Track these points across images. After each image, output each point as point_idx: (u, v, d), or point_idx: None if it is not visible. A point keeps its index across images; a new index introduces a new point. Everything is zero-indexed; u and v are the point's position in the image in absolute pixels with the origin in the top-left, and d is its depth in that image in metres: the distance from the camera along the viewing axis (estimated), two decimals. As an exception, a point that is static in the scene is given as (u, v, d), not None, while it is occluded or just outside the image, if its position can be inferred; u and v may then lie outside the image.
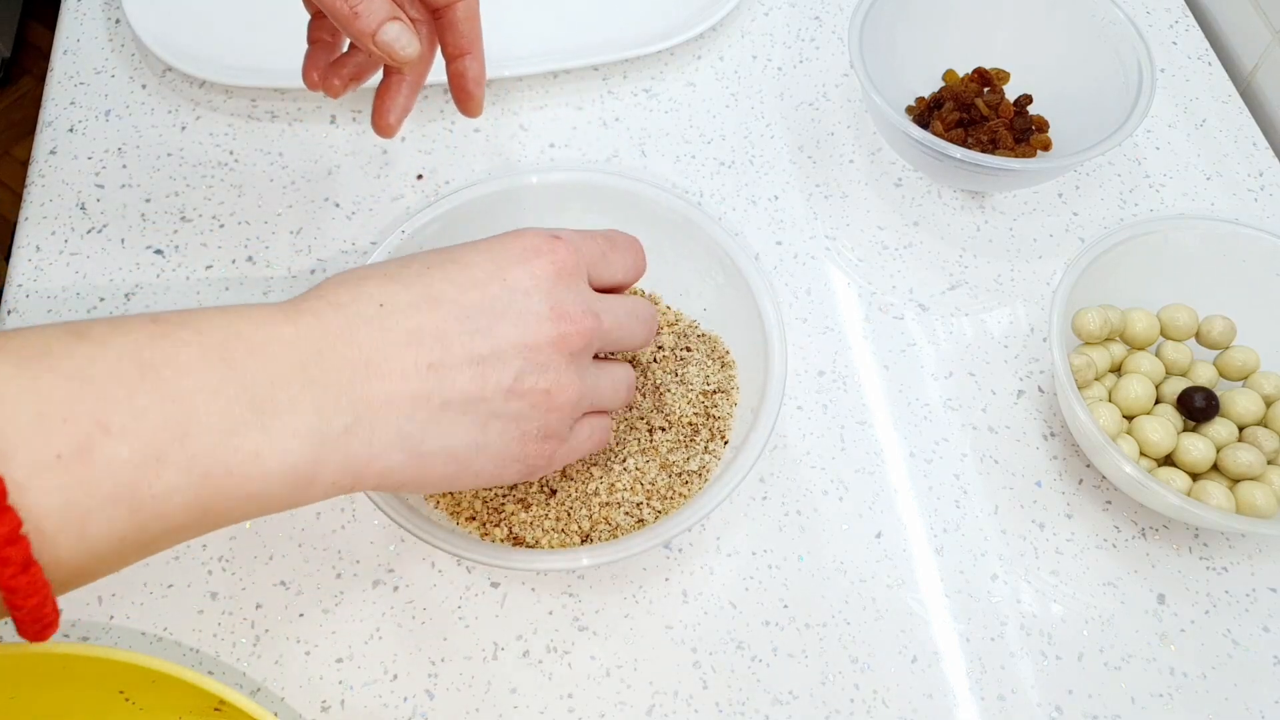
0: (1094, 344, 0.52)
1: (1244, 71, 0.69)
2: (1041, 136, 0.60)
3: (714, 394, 0.51)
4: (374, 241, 0.58)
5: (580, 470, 0.48)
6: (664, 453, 0.48)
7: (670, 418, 0.50)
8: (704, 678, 0.46)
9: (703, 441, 0.49)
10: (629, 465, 0.48)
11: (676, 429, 0.49)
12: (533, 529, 0.46)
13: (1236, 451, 0.48)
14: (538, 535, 0.46)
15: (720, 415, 0.50)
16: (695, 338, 0.53)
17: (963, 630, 0.48)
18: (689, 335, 0.53)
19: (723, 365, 0.52)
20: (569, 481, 0.47)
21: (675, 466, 0.48)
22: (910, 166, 0.63)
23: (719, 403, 0.50)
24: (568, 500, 0.47)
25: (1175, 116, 0.66)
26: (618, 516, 0.46)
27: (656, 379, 0.51)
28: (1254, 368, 0.52)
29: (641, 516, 0.46)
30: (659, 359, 0.52)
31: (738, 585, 0.48)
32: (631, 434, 0.49)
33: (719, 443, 0.49)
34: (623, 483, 0.47)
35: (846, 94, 0.66)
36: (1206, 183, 0.63)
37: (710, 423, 0.50)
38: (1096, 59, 0.60)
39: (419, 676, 0.45)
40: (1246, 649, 0.47)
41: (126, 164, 0.60)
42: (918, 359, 0.55)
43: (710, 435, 0.49)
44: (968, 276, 0.59)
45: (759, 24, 0.69)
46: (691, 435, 0.49)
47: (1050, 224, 0.61)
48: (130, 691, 0.42)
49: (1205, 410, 0.50)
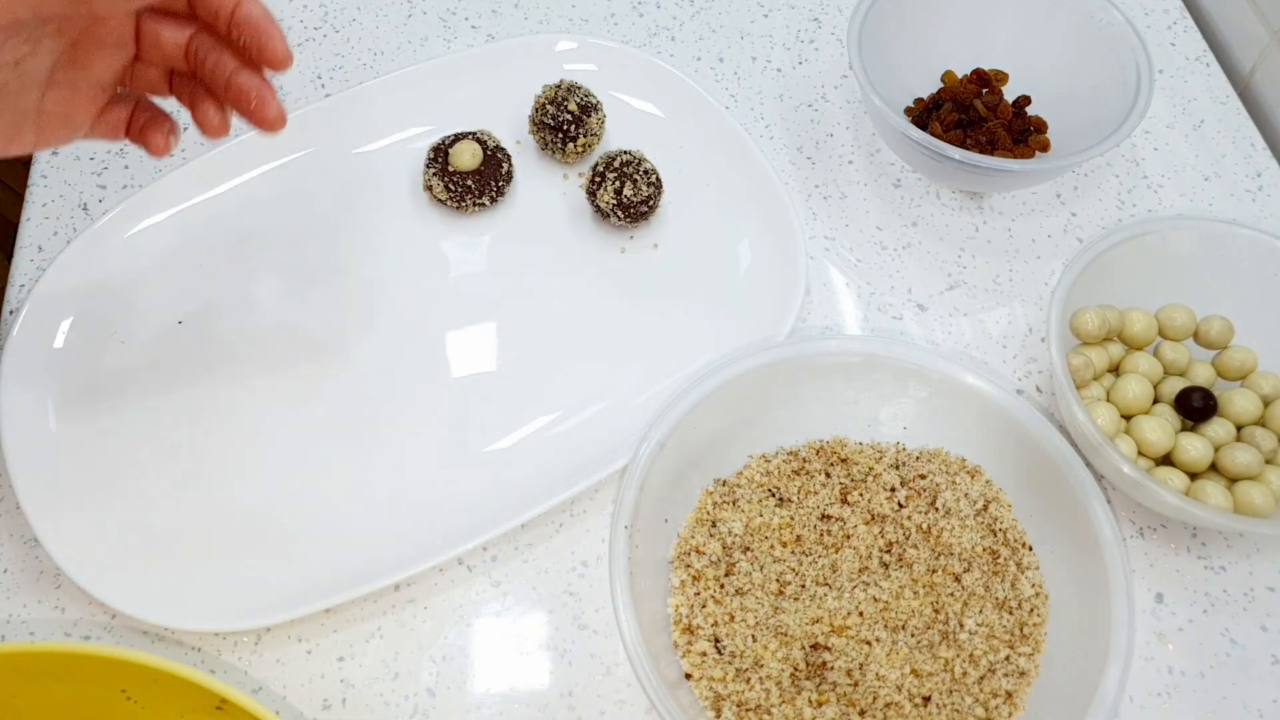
0: (1092, 344, 0.52)
1: (1242, 72, 0.69)
2: (1040, 137, 0.60)
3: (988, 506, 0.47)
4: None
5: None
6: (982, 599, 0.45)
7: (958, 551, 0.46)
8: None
9: (1009, 565, 0.46)
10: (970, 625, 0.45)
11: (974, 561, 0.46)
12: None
13: (1234, 451, 0.48)
14: None
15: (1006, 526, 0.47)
16: (918, 461, 0.49)
17: (961, 629, 0.48)
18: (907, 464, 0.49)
19: (971, 476, 0.48)
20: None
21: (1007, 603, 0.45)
22: (909, 167, 0.63)
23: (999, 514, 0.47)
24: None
25: (1173, 117, 0.66)
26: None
27: (916, 522, 0.47)
28: (1252, 368, 0.52)
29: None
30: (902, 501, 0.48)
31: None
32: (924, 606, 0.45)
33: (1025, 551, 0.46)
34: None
35: (845, 95, 0.66)
36: (1205, 183, 0.63)
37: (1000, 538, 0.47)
38: (1095, 60, 0.60)
39: (420, 674, 0.46)
40: (1244, 648, 0.47)
41: (129, 164, 0.61)
42: (917, 359, 0.56)
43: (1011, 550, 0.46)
44: (966, 277, 0.59)
45: (758, 26, 0.70)
46: (992, 561, 0.46)
47: (1048, 224, 0.61)
48: (132, 690, 0.42)
49: (1203, 410, 0.50)
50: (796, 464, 0.49)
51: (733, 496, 0.48)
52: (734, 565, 0.46)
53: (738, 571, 0.46)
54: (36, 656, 0.41)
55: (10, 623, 0.46)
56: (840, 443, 0.50)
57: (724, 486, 0.49)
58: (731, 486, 0.49)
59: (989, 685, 0.43)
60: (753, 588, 0.45)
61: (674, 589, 0.46)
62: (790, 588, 0.46)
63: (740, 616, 0.45)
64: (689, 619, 0.44)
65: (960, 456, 0.49)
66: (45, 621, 0.46)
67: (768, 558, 0.46)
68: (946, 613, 0.45)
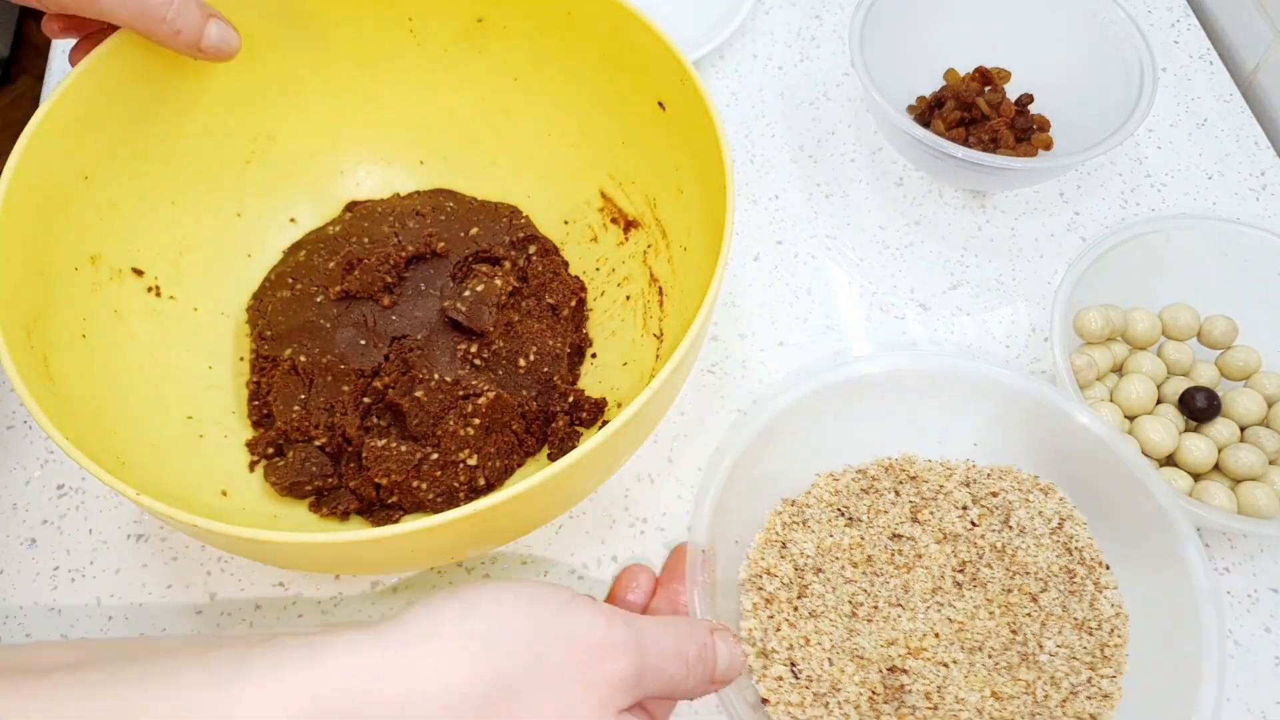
0: (1096, 344, 0.52)
1: (1245, 71, 0.69)
2: (1043, 136, 0.60)
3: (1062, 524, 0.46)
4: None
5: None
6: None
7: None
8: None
9: (1086, 584, 0.45)
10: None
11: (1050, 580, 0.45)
12: None
13: (1238, 452, 0.48)
14: None
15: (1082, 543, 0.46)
16: (987, 479, 0.48)
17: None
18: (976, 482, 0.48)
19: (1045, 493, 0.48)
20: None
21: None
22: (911, 166, 0.62)
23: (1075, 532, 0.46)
24: None
25: (1177, 116, 0.65)
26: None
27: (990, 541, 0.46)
28: (1256, 367, 0.52)
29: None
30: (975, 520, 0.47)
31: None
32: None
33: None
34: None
35: (847, 93, 0.66)
36: (1208, 182, 0.62)
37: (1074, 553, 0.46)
38: (1098, 58, 0.59)
39: (418, 677, 0.45)
40: (1248, 649, 0.47)
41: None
42: (919, 359, 0.55)
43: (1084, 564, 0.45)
44: (969, 276, 0.58)
45: (759, 22, 0.69)
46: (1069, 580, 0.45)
47: (1051, 223, 0.61)
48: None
49: (1207, 410, 0.50)
50: (865, 482, 0.48)
51: (802, 517, 0.47)
52: (807, 587, 0.45)
53: (811, 593, 0.44)
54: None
55: (4, 623, 0.46)
56: (909, 460, 0.49)
57: (793, 506, 0.47)
58: (800, 506, 0.47)
59: (1072, 709, 0.42)
60: (826, 610, 0.44)
61: (746, 612, 0.44)
62: (863, 609, 0.44)
63: (815, 640, 0.43)
64: (764, 643, 0.43)
65: (1032, 474, 0.48)
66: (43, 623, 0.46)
67: (839, 578, 0.45)
68: (1025, 633, 0.44)
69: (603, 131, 0.53)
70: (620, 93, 0.51)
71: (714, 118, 0.44)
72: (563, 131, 0.54)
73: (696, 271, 0.47)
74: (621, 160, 0.53)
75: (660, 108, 0.49)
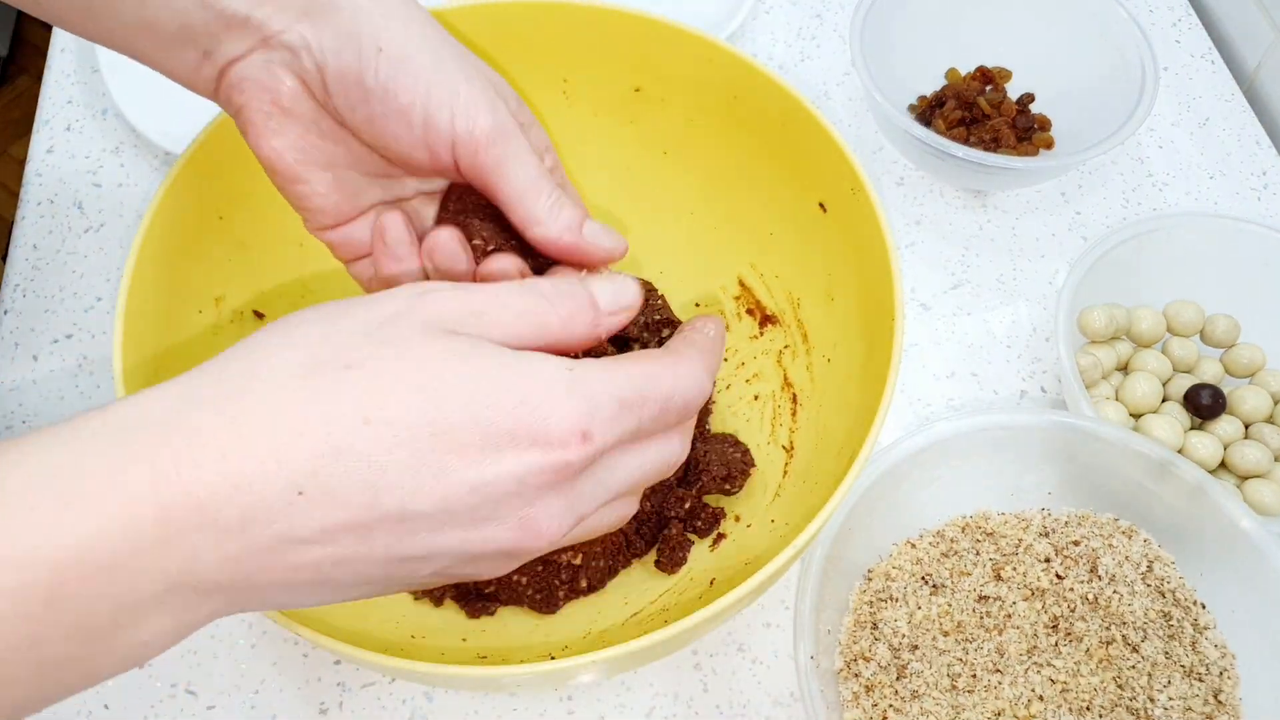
0: (1100, 342, 0.51)
1: (1247, 70, 0.69)
2: (1044, 135, 0.60)
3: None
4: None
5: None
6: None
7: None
8: (704, 680, 0.46)
9: (1184, 626, 0.43)
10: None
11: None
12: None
13: (1244, 449, 0.48)
14: None
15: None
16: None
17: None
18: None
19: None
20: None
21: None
22: (912, 165, 0.62)
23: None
24: None
25: (1178, 115, 0.65)
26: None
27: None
28: (1260, 364, 0.52)
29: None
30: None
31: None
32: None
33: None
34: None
35: (848, 92, 0.66)
36: (1210, 181, 0.62)
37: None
38: (1099, 57, 0.59)
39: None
40: (1254, 650, 0.47)
41: (124, 163, 0.60)
42: (920, 359, 0.55)
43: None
44: (970, 275, 0.58)
45: (760, 21, 0.69)
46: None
47: (1053, 223, 0.60)
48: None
49: (1212, 407, 0.49)
50: (944, 545, 0.46)
51: (888, 592, 0.45)
52: (904, 667, 0.43)
53: (909, 673, 0.43)
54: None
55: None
56: (984, 516, 0.47)
57: (876, 581, 0.45)
58: (884, 580, 0.45)
59: None
60: (928, 689, 0.42)
61: (847, 702, 0.42)
62: (962, 680, 0.42)
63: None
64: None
65: (1112, 516, 0.47)
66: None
67: (933, 651, 0.43)
68: (1132, 687, 0.42)
69: (751, 219, 0.50)
70: (777, 184, 0.47)
71: (886, 237, 0.40)
72: (707, 213, 0.51)
73: (839, 391, 0.44)
74: (767, 252, 0.49)
75: (821, 209, 0.45)
